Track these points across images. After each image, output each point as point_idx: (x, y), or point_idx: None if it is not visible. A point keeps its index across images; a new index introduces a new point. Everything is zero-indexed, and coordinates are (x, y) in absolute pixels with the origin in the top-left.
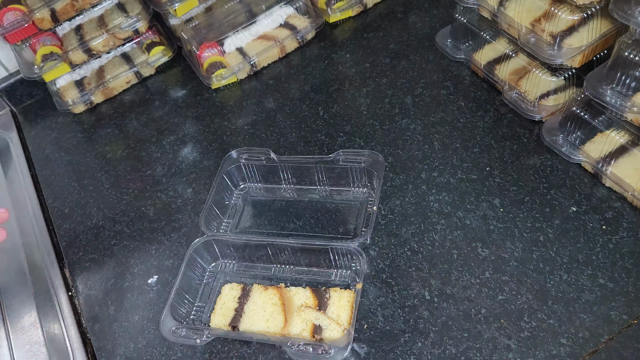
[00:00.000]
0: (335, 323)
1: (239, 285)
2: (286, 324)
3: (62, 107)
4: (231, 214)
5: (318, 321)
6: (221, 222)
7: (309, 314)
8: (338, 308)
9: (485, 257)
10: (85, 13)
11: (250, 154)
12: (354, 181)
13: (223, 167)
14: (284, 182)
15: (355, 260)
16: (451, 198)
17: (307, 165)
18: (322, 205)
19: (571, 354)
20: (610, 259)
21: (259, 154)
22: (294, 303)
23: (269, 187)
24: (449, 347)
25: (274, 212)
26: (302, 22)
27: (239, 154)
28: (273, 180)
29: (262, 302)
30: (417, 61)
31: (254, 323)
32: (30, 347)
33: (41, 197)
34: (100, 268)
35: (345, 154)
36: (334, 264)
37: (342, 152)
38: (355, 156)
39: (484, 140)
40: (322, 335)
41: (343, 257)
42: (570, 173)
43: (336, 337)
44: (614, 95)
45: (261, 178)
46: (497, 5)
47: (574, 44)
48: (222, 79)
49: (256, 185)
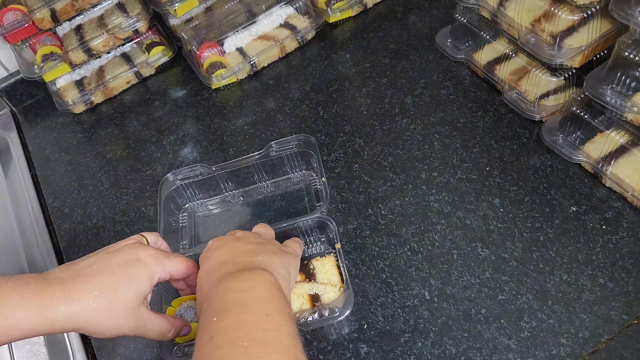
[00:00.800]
0: (330, 285)
1: None
2: None
3: (62, 107)
4: (186, 236)
5: (312, 290)
6: (179, 246)
7: (301, 288)
8: (326, 272)
9: (485, 257)
10: (85, 13)
11: (185, 173)
12: (292, 167)
13: (162, 193)
14: (225, 190)
15: (324, 229)
16: (451, 198)
17: (243, 166)
18: (269, 199)
19: (571, 354)
20: (610, 259)
21: (193, 170)
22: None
23: (214, 200)
24: (449, 347)
25: (228, 220)
26: (302, 22)
27: (175, 175)
28: (215, 192)
29: None
30: (417, 61)
31: None
32: (30, 347)
33: (41, 197)
34: None
35: (277, 144)
36: (305, 239)
37: (274, 143)
38: (286, 144)
39: (484, 140)
40: (321, 301)
41: (312, 232)
42: (570, 173)
43: (335, 296)
44: (614, 95)
45: (202, 194)
46: (497, 5)
47: (574, 44)
48: (222, 79)
49: (200, 202)
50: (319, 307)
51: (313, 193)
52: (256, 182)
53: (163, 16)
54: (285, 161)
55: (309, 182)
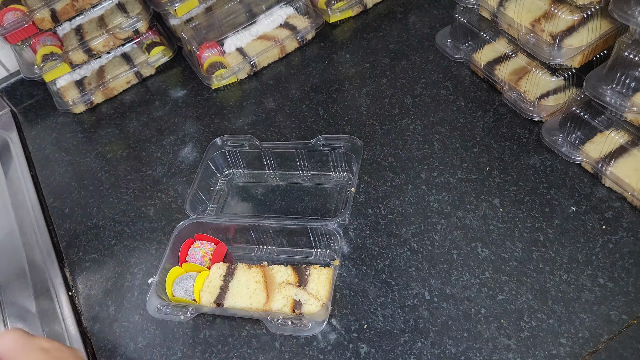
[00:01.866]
0: (314, 298)
1: (224, 264)
2: (268, 300)
3: (62, 107)
4: (216, 199)
5: (298, 296)
6: (206, 207)
7: (289, 290)
8: (317, 284)
9: (485, 257)
10: (86, 13)
11: (234, 141)
12: (333, 165)
13: (208, 153)
14: (267, 168)
15: (333, 240)
16: (451, 198)
17: (289, 150)
18: (304, 189)
19: (571, 354)
20: (610, 259)
21: (243, 140)
22: (276, 280)
23: (253, 173)
24: (449, 347)
25: (257, 197)
26: (302, 22)
27: (223, 141)
28: (257, 166)
29: (246, 280)
30: (417, 61)
31: (237, 300)
32: None
33: (41, 197)
34: (100, 268)
35: (326, 139)
36: (314, 244)
37: (323, 137)
38: (334, 141)
39: (484, 140)
40: (301, 309)
41: (322, 237)
42: (570, 173)
43: (314, 311)
44: (614, 95)
45: (245, 164)
46: (497, 6)
47: (574, 44)
48: (222, 79)
49: (240, 172)
50: (295, 316)
51: (344, 197)
52: (297, 170)
53: (163, 16)
54: (330, 158)
55: (344, 185)
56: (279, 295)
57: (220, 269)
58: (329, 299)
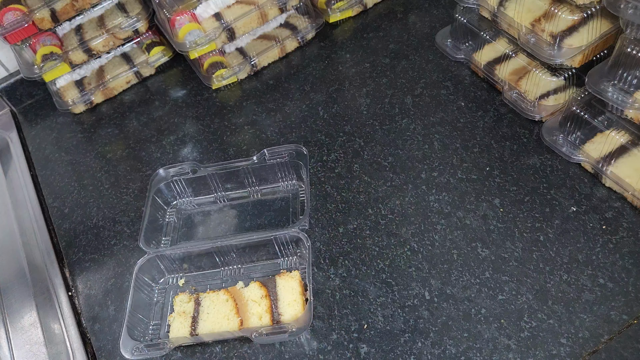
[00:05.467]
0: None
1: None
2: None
3: (62, 107)
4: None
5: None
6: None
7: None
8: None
9: (485, 257)
10: (85, 13)
11: (176, 170)
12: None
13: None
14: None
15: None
16: (451, 198)
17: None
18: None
19: (571, 354)
20: (610, 259)
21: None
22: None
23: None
24: (449, 347)
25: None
26: (302, 22)
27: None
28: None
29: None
30: (417, 61)
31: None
32: (30, 347)
33: (41, 197)
34: (100, 268)
35: (269, 151)
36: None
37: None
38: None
39: (484, 140)
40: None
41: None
42: (570, 173)
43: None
44: (616, 92)
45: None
46: (497, 5)
47: (574, 43)
48: (223, 79)
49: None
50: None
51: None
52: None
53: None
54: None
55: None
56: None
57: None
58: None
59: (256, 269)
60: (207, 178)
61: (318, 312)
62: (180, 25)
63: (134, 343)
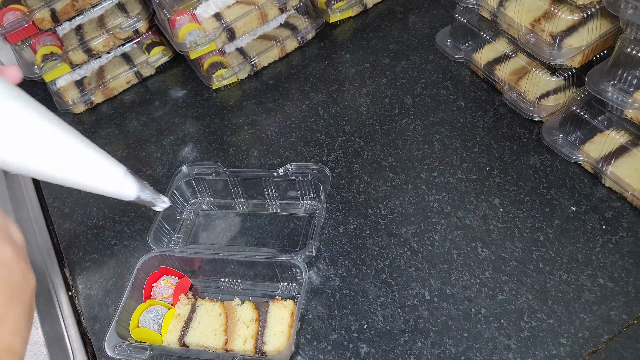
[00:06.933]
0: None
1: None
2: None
3: (63, 107)
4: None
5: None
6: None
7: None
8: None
9: (485, 257)
10: (85, 13)
11: (201, 169)
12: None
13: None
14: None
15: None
16: (451, 198)
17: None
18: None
19: (571, 354)
20: (610, 259)
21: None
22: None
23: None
24: (449, 347)
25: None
26: (302, 22)
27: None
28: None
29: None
30: (417, 61)
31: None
32: (30, 347)
33: (41, 197)
34: (100, 268)
35: (294, 167)
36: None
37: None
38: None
39: (484, 140)
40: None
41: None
42: (570, 173)
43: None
44: (615, 92)
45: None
46: (497, 5)
47: (574, 44)
48: (223, 79)
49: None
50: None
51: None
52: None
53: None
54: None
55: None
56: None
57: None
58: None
59: (254, 287)
60: (229, 182)
61: (318, 312)
62: (180, 25)
63: (118, 340)
